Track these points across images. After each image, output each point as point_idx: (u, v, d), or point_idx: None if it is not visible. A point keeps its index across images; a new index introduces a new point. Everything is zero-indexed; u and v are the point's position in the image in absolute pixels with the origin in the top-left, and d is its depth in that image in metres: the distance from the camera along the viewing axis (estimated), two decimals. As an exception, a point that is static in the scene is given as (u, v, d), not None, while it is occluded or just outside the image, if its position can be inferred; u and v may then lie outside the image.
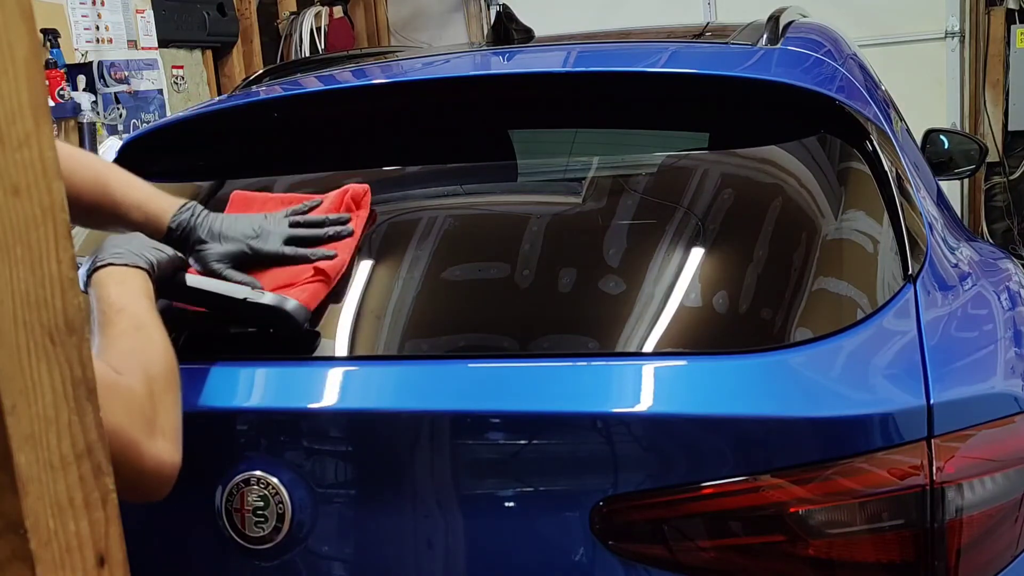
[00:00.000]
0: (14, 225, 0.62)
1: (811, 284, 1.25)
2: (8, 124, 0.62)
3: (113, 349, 1.08)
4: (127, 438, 0.99)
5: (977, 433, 1.13)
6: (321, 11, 5.40)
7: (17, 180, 0.63)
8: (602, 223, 1.37)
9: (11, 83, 0.63)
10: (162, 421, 1.05)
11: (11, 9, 0.63)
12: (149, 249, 1.24)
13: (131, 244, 1.23)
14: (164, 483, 1.05)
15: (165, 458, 1.04)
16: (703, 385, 1.12)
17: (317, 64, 2.21)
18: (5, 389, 0.61)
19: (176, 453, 1.06)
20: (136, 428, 1.01)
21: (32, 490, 0.63)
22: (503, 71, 1.82)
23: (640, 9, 5.29)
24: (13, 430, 0.62)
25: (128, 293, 1.16)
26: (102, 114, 3.72)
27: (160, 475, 1.04)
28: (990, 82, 5.22)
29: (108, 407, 0.99)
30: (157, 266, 1.23)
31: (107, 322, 1.12)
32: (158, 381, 1.08)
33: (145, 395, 1.04)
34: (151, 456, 1.02)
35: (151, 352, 1.11)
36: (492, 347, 1.27)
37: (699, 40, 2.09)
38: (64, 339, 0.66)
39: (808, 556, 1.08)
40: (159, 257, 1.24)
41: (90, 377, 0.68)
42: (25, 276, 0.63)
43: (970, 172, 2.67)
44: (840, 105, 1.47)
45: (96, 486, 0.69)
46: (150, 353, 1.11)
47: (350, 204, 1.39)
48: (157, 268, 1.23)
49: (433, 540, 1.16)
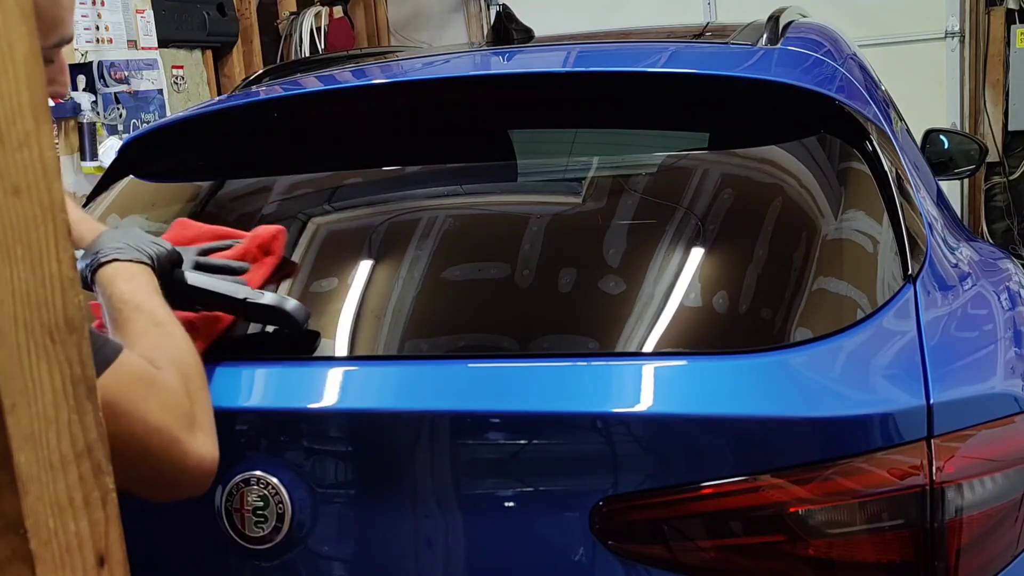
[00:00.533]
0: (14, 225, 0.62)
1: (811, 284, 1.25)
2: (8, 124, 0.62)
3: (138, 347, 1.07)
4: (170, 435, 0.99)
5: (977, 433, 1.13)
6: (321, 11, 5.40)
7: (17, 180, 0.63)
8: (602, 223, 1.37)
9: (11, 83, 0.63)
10: (200, 417, 1.05)
11: (11, 9, 0.63)
12: (148, 243, 1.23)
13: (130, 238, 1.22)
14: (206, 478, 1.05)
15: (206, 453, 1.04)
16: (703, 385, 1.12)
17: (317, 64, 2.21)
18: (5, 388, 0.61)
19: (215, 448, 1.06)
20: (178, 425, 1.00)
21: (32, 490, 0.63)
22: (503, 71, 1.82)
23: (640, 9, 5.29)
24: (13, 429, 0.62)
25: (140, 289, 1.15)
26: (102, 114, 3.72)
27: (202, 470, 1.03)
28: (990, 82, 5.22)
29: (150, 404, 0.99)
30: (157, 260, 1.22)
31: (125, 320, 1.11)
32: (191, 377, 1.08)
33: (183, 391, 1.04)
34: (193, 452, 1.02)
35: (177, 348, 1.10)
36: (492, 347, 1.27)
37: (699, 40, 2.09)
38: (64, 338, 0.66)
39: (808, 556, 1.08)
40: (158, 251, 1.23)
41: (90, 376, 0.68)
42: (25, 276, 0.63)
43: (970, 172, 2.67)
44: (840, 105, 1.47)
45: (96, 485, 0.69)
46: (176, 349, 1.10)
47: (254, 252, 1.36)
48: (157, 262, 1.22)
49: (433, 540, 1.16)
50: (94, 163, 3.58)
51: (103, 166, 3.36)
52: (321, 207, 1.53)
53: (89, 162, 3.59)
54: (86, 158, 3.59)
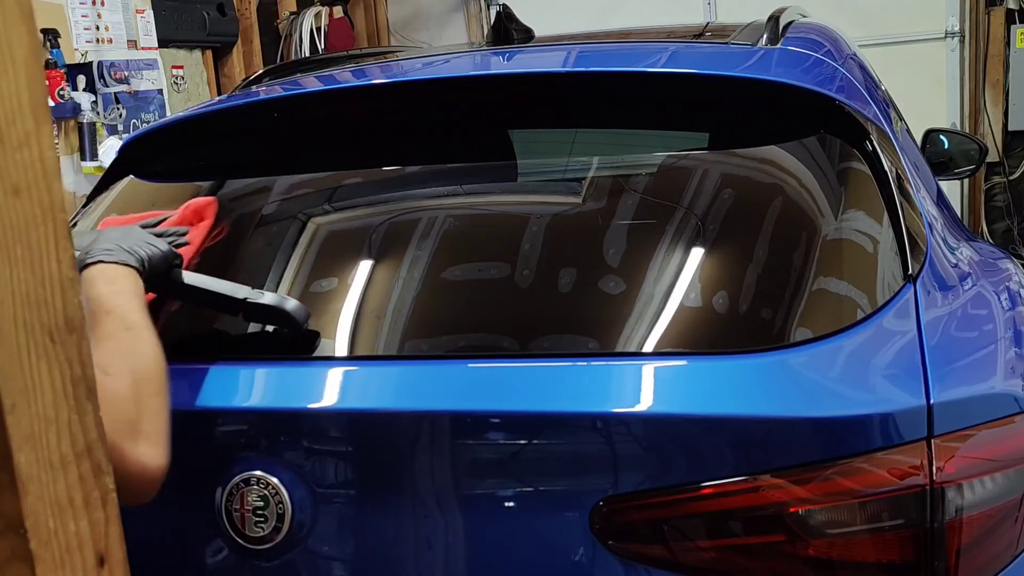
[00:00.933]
0: (14, 225, 0.62)
1: (811, 284, 1.25)
2: (8, 124, 0.62)
3: (99, 350, 1.07)
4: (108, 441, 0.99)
5: (977, 433, 1.13)
6: (321, 11, 5.40)
7: (17, 180, 0.63)
8: (602, 223, 1.37)
9: (11, 83, 0.63)
10: (146, 424, 1.04)
11: (11, 9, 0.63)
12: (143, 244, 1.22)
13: (125, 239, 1.22)
14: (148, 487, 1.04)
15: (148, 461, 1.03)
16: (703, 385, 1.12)
17: (317, 64, 2.21)
18: (5, 388, 0.61)
19: (161, 457, 1.05)
20: (118, 431, 1.00)
21: (32, 490, 0.63)
22: (503, 71, 1.82)
23: (640, 9, 5.29)
24: (13, 429, 0.62)
25: (118, 293, 1.15)
26: (102, 114, 3.72)
27: (144, 478, 1.03)
28: (990, 82, 5.22)
29: None
30: (149, 262, 1.21)
31: (95, 323, 1.11)
32: (145, 384, 1.07)
33: (130, 398, 1.04)
34: (135, 460, 1.01)
35: (139, 354, 1.10)
36: (492, 347, 1.27)
37: (699, 40, 2.09)
38: (64, 338, 0.66)
39: (808, 556, 1.08)
40: (151, 253, 1.22)
41: (90, 376, 0.68)
42: (25, 276, 0.63)
43: (970, 172, 2.67)
44: (840, 105, 1.47)
45: (96, 485, 0.69)
46: (138, 355, 1.10)
47: (190, 217, 1.48)
48: (148, 265, 1.21)
49: (433, 540, 1.16)
50: (94, 163, 3.58)
51: (103, 166, 3.36)
52: (321, 207, 1.52)
53: (89, 162, 3.59)
54: (86, 158, 3.59)
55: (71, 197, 3.42)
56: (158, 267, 1.23)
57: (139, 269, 1.20)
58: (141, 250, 1.21)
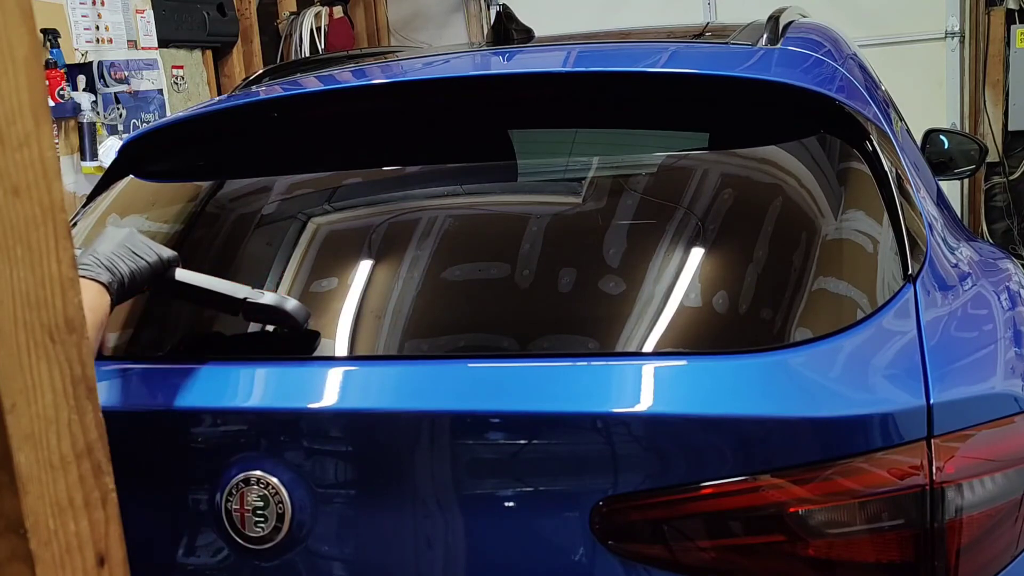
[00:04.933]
0: (14, 225, 0.62)
1: (811, 284, 1.25)
2: (8, 124, 0.62)
3: None
4: None
5: (977, 433, 1.13)
6: (321, 11, 5.40)
7: (17, 180, 0.63)
8: (602, 223, 1.37)
9: (11, 83, 0.63)
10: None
11: (11, 9, 0.63)
12: (127, 257, 1.20)
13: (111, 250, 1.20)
14: None
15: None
16: (703, 385, 1.12)
17: (317, 64, 2.21)
18: (5, 388, 0.61)
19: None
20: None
21: (32, 490, 0.63)
22: (503, 71, 1.82)
23: (640, 9, 5.30)
24: (13, 429, 0.62)
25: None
26: (102, 114, 3.72)
27: None
28: (990, 82, 5.22)
29: None
30: (127, 277, 1.19)
31: None
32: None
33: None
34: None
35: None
36: (492, 347, 1.27)
37: (699, 40, 2.08)
38: (64, 338, 0.66)
39: (808, 556, 1.08)
40: (135, 267, 1.20)
41: (90, 376, 0.68)
42: (25, 276, 0.63)
43: (970, 172, 2.67)
44: (840, 105, 1.47)
45: (96, 486, 0.69)
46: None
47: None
48: (128, 280, 1.19)
49: (433, 540, 1.16)
50: (94, 163, 3.58)
51: (103, 166, 3.37)
52: (321, 207, 1.52)
53: (89, 162, 3.59)
54: (86, 158, 3.60)
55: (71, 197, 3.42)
56: (140, 282, 1.21)
57: (107, 285, 1.17)
58: (123, 264, 1.19)
